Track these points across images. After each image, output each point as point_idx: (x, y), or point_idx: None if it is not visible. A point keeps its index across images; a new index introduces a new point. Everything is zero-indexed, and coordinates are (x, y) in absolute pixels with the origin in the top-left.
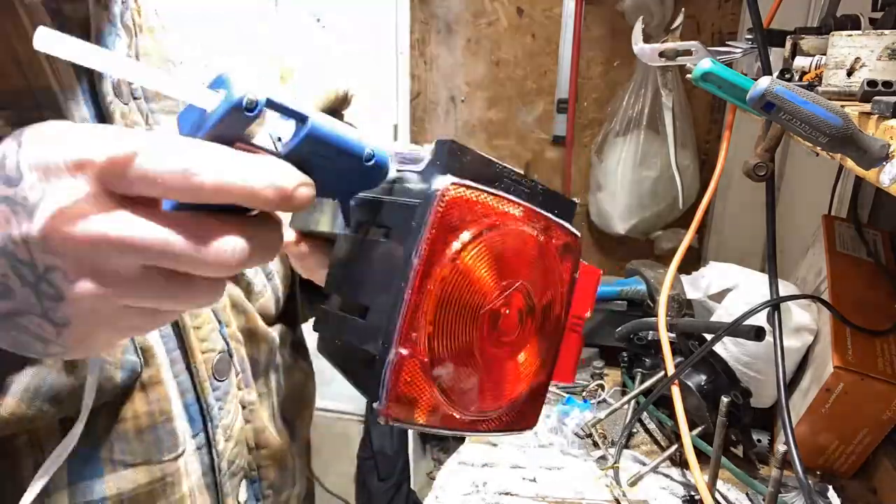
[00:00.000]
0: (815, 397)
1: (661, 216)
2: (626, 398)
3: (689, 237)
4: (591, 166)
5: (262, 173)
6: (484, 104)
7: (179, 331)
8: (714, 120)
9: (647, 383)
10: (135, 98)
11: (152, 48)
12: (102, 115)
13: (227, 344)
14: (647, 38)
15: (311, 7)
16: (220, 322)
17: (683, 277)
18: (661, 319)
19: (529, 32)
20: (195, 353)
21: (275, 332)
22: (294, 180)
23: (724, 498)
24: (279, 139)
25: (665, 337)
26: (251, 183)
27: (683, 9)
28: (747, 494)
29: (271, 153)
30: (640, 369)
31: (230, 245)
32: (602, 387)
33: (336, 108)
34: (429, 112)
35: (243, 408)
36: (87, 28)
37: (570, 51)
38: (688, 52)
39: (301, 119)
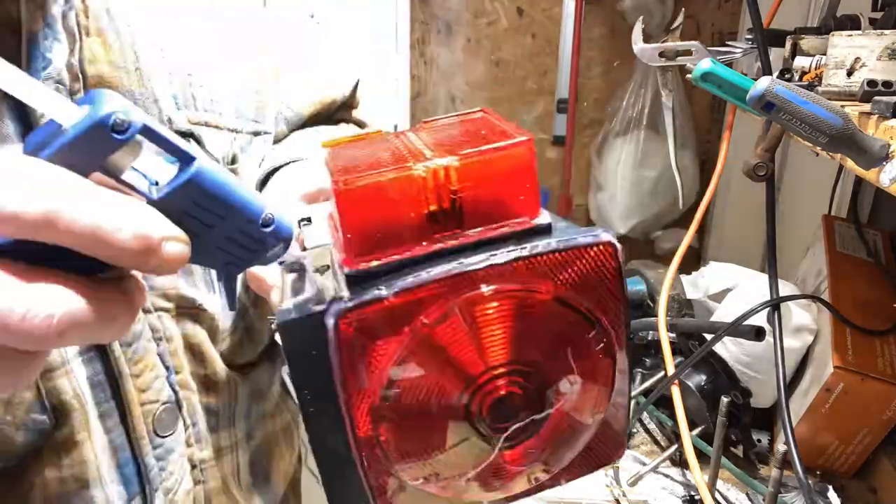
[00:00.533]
0: (815, 397)
1: (661, 216)
2: None
3: (689, 237)
4: (591, 166)
5: (120, 214)
6: (484, 104)
7: (115, 379)
8: (714, 120)
9: (647, 383)
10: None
11: (101, 54)
12: (31, 128)
13: (176, 393)
14: (647, 38)
15: (310, 6)
16: (167, 368)
17: (683, 277)
18: (661, 319)
19: (529, 32)
20: (132, 406)
21: (247, 375)
22: (161, 231)
23: (724, 498)
24: (156, 183)
25: (665, 337)
26: (102, 224)
27: (683, 9)
28: (747, 494)
29: (140, 194)
30: (640, 369)
31: (48, 308)
32: None
33: (332, 114)
34: (429, 112)
35: (193, 467)
36: (20, 30)
37: (570, 51)
38: (688, 52)
39: (185, 160)
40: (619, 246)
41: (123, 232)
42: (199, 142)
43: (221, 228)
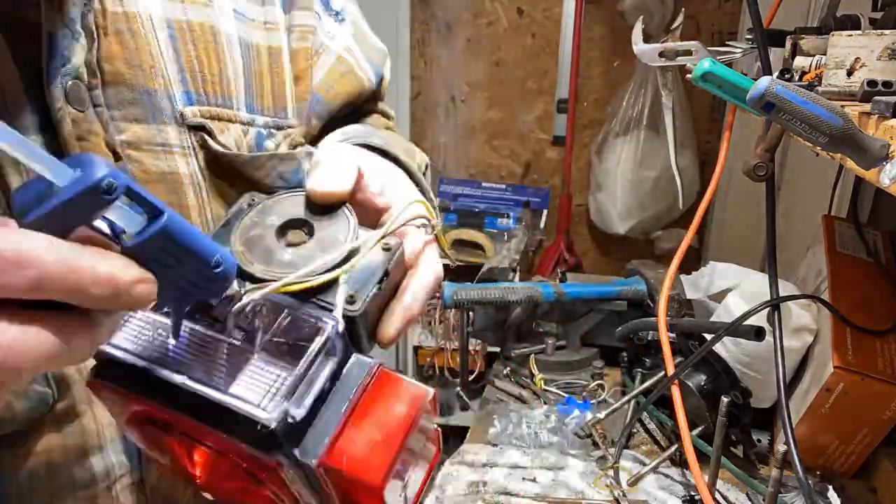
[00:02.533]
0: (815, 397)
1: (661, 216)
2: (626, 398)
3: (688, 237)
4: (591, 166)
5: (99, 262)
6: (484, 104)
7: None
8: (714, 120)
9: (647, 383)
10: (95, 105)
11: (118, 53)
12: (50, 120)
13: None
14: (647, 38)
15: None
16: None
17: (683, 277)
18: (661, 319)
19: (529, 32)
20: None
21: None
22: (132, 274)
23: (724, 498)
24: (123, 231)
25: (665, 337)
26: (82, 281)
27: (683, 9)
28: (747, 494)
29: (112, 241)
30: (640, 369)
31: (25, 348)
32: (602, 387)
33: (361, 105)
34: (429, 112)
35: None
36: (40, 31)
37: (570, 51)
38: (688, 52)
39: (156, 213)
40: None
41: (100, 285)
42: (210, 134)
43: (179, 269)
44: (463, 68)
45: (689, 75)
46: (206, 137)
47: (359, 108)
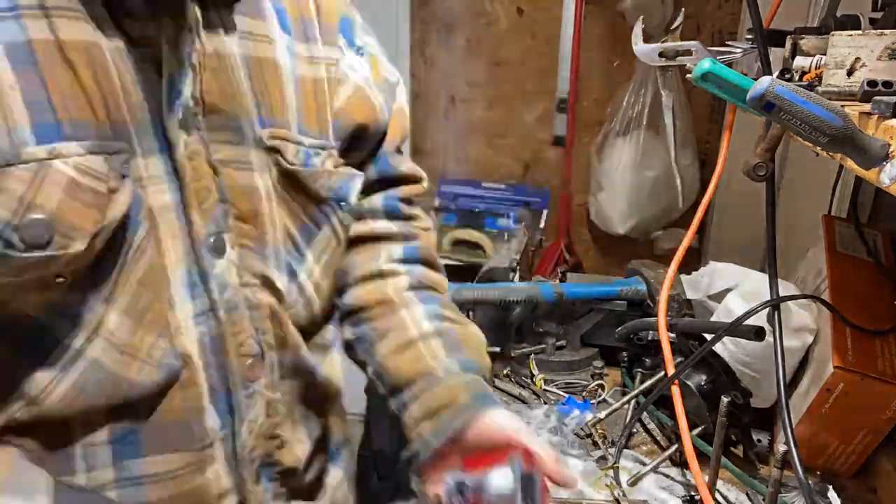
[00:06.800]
0: (815, 397)
1: (661, 216)
2: (626, 398)
3: (689, 237)
4: (591, 166)
5: None
6: (484, 104)
7: (221, 337)
8: (714, 120)
9: (647, 383)
10: (198, 129)
11: (214, 86)
12: (168, 143)
13: (262, 349)
14: (647, 38)
15: None
16: (256, 330)
17: (683, 277)
18: (661, 319)
19: (529, 32)
20: (232, 357)
21: (310, 334)
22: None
23: (724, 498)
24: None
25: (665, 337)
26: None
27: (683, 9)
28: (747, 494)
29: None
30: (640, 369)
31: None
32: (602, 387)
33: (380, 144)
34: (429, 112)
35: (267, 405)
36: (160, 69)
37: (570, 51)
38: (688, 52)
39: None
40: None
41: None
42: (281, 153)
43: None
44: (463, 68)
45: (689, 75)
46: (279, 157)
47: (377, 150)
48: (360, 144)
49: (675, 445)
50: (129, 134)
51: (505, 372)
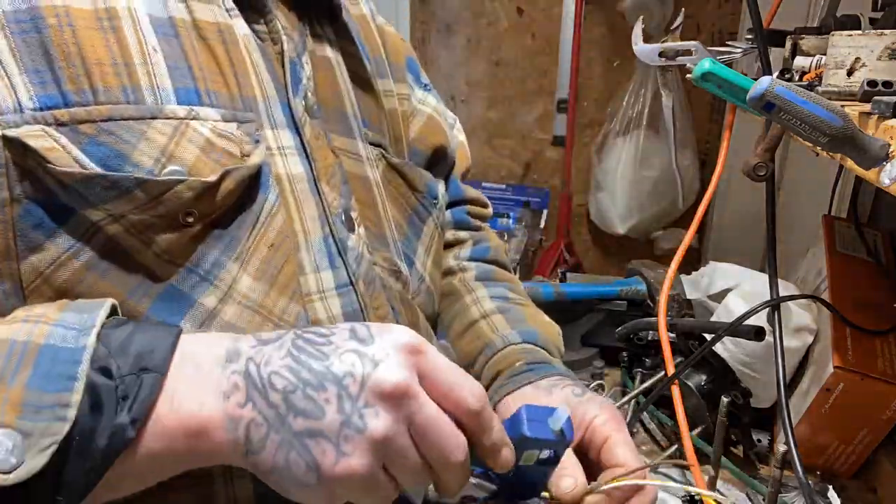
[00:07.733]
0: (815, 397)
1: (661, 216)
2: (626, 398)
3: (688, 237)
4: (591, 166)
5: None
6: (484, 104)
7: (361, 310)
8: (714, 120)
9: (647, 383)
10: (316, 117)
11: (323, 80)
12: (294, 120)
13: None
14: (647, 38)
15: None
16: (392, 309)
17: (683, 277)
18: (661, 319)
19: (529, 32)
20: None
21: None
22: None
23: (725, 498)
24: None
25: (665, 337)
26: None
27: (683, 9)
28: (747, 494)
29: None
30: (640, 369)
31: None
32: (602, 387)
33: (451, 171)
34: None
35: None
36: (283, 60)
37: (570, 51)
38: (688, 52)
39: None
40: None
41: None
42: (385, 149)
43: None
44: (463, 68)
45: (689, 75)
46: (384, 151)
47: (449, 174)
48: (436, 170)
49: (675, 445)
50: (259, 108)
51: None
